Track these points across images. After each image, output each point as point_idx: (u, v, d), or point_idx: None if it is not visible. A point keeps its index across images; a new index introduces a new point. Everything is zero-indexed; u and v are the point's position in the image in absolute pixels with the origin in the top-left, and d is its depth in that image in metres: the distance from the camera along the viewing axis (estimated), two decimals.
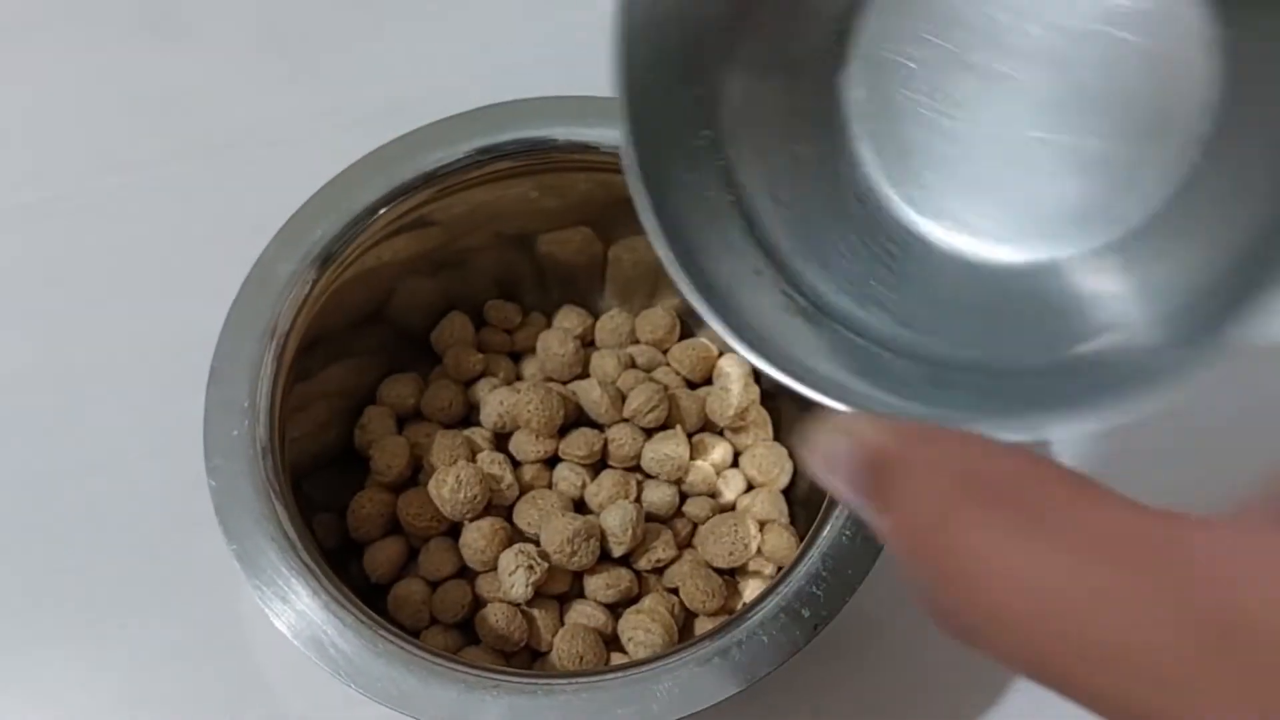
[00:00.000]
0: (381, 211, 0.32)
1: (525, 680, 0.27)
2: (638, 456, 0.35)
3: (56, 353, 0.39)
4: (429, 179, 0.33)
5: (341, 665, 0.27)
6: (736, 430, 0.36)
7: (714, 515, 0.35)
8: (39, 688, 0.35)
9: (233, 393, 0.29)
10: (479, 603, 0.33)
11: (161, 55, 0.46)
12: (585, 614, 0.33)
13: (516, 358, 0.39)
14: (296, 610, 0.27)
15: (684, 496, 0.35)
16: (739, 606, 0.33)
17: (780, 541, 0.34)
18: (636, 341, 0.38)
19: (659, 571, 0.34)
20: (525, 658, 0.33)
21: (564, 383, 0.37)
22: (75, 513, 0.37)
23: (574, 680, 0.27)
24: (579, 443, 0.35)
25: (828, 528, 0.28)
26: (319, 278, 0.31)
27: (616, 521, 0.33)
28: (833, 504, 0.29)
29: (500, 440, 0.36)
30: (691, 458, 0.35)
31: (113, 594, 0.35)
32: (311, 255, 0.31)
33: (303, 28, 0.47)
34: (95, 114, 0.45)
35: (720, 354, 0.38)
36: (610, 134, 0.33)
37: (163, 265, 0.41)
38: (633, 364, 0.38)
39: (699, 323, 0.39)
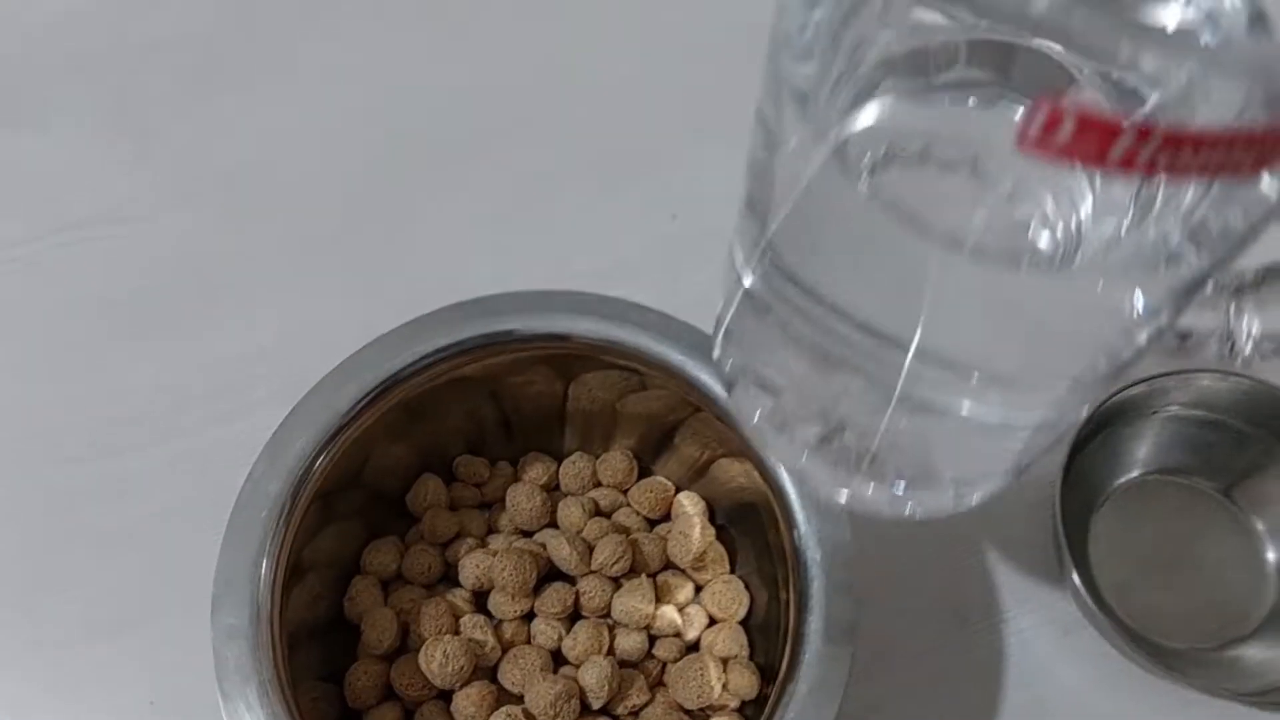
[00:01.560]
0: (361, 417, 0.35)
1: None
2: (608, 606, 0.38)
3: None
4: (395, 381, 0.35)
5: None
6: (696, 568, 0.40)
7: (681, 655, 0.38)
8: None
9: (234, 617, 0.32)
10: None
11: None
12: None
13: (487, 505, 0.42)
14: None
15: (652, 639, 0.39)
16: None
17: (741, 679, 0.37)
18: (599, 484, 0.41)
19: (635, 714, 0.38)
20: None
21: (534, 532, 0.40)
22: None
23: None
24: (553, 599, 0.38)
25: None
26: (305, 493, 0.34)
27: (594, 679, 0.36)
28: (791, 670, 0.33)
29: (479, 597, 0.39)
30: (658, 599, 0.39)
31: None
32: (295, 474, 0.34)
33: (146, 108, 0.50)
34: None
35: (677, 490, 0.41)
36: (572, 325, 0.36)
37: (14, 343, 0.44)
38: (597, 509, 0.41)
39: (654, 460, 0.42)
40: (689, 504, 0.41)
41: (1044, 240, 0.24)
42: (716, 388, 0.36)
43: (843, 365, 0.25)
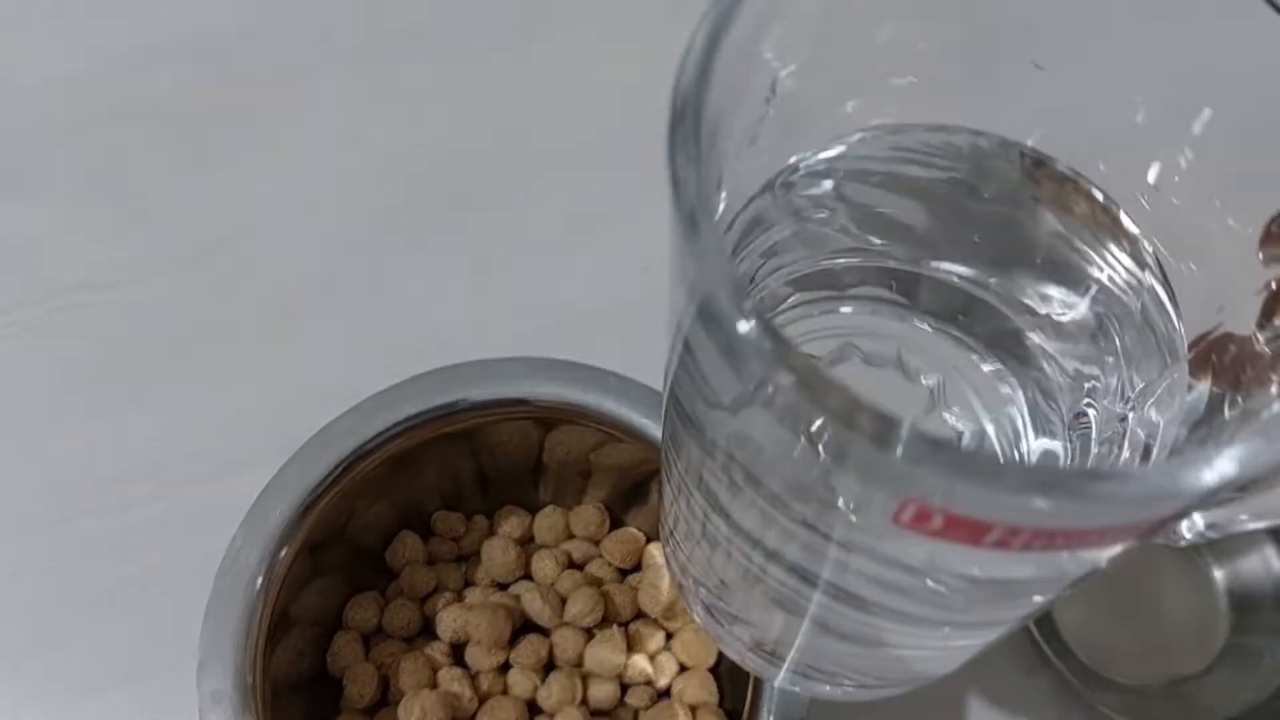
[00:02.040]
0: (340, 482, 0.36)
1: None
2: (581, 656, 0.40)
3: None
4: (371, 448, 0.37)
5: None
6: (667, 618, 0.41)
7: (652, 703, 0.39)
8: None
9: (219, 682, 0.33)
10: None
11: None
12: None
13: (464, 558, 0.43)
14: None
15: (625, 687, 0.40)
16: None
17: None
18: (572, 536, 0.43)
19: None
20: None
21: (509, 584, 0.41)
22: None
23: None
24: (528, 651, 0.39)
25: None
26: (287, 556, 0.35)
27: None
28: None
29: (457, 650, 0.40)
30: (630, 648, 0.40)
31: None
32: (275, 540, 0.35)
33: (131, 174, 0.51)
34: None
35: (648, 540, 0.43)
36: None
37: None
38: (570, 561, 0.42)
39: (626, 511, 0.43)
40: (659, 554, 0.42)
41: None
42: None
43: (752, 578, 0.24)
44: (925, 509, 0.15)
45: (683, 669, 0.41)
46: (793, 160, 0.24)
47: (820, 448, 0.16)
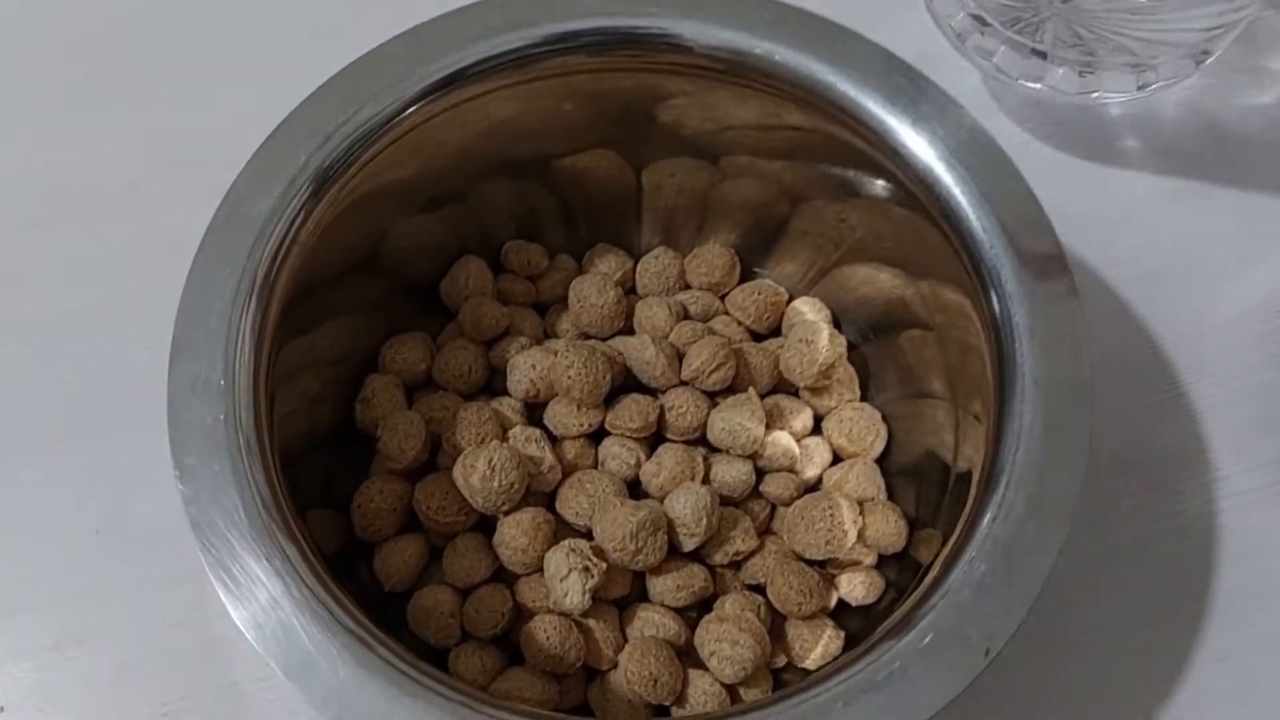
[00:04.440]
0: (387, 126, 0.25)
1: None
2: (702, 427, 0.29)
3: None
4: (448, 82, 0.26)
5: None
6: (817, 391, 0.30)
7: (798, 495, 0.29)
8: None
9: (204, 368, 0.22)
10: (521, 613, 0.27)
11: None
12: (654, 623, 0.27)
13: (542, 310, 0.32)
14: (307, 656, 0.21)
15: (760, 473, 0.29)
16: (834, 604, 0.28)
17: (885, 525, 0.28)
18: (687, 286, 0.32)
19: (736, 565, 0.28)
20: (579, 679, 0.27)
21: (604, 339, 0.31)
22: None
23: None
24: (631, 413, 0.29)
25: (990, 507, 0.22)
26: (306, 215, 0.25)
27: (688, 509, 0.27)
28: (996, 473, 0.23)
29: (532, 412, 0.30)
30: (767, 426, 0.29)
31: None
32: (296, 188, 0.24)
33: None
34: None
35: (791, 298, 0.32)
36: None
37: None
38: (685, 314, 0.31)
39: (763, 261, 0.32)
40: (810, 310, 0.31)
41: None
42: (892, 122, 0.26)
43: None
44: None
45: (836, 460, 0.30)
46: None
47: None
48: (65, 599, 0.29)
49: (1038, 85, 0.35)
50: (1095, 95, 0.35)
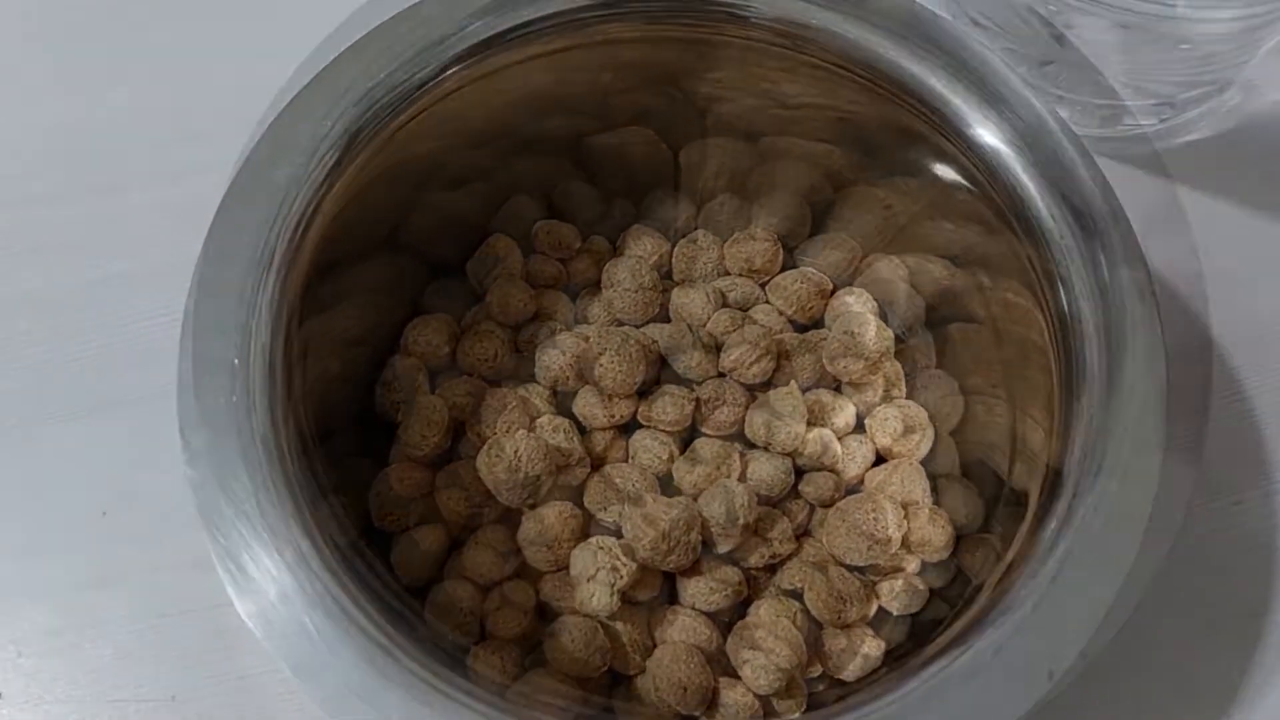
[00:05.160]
0: (421, 90, 0.24)
1: None
2: (740, 422, 0.27)
3: None
4: (486, 45, 0.24)
5: None
6: (860, 387, 0.29)
7: (839, 496, 0.27)
8: None
9: (218, 345, 0.21)
10: (545, 611, 0.26)
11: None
12: (685, 628, 0.25)
13: (574, 294, 0.31)
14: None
15: (799, 472, 0.28)
16: (874, 613, 0.26)
17: (932, 530, 0.26)
18: (727, 273, 0.30)
19: (771, 569, 0.27)
20: (603, 683, 0.26)
21: (639, 326, 0.29)
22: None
23: None
24: (666, 405, 0.27)
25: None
26: (330, 184, 0.23)
27: (723, 509, 0.25)
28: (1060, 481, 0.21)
29: (560, 401, 0.28)
30: (808, 423, 0.28)
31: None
32: (320, 155, 0.23)
33: None
34: None
35: (835, 288, 0.30)
36: None
37: None
38: (724, 302, 0.30)
39: (806, 247, 0.31)
40: (856, 301, 0.30)
41: None
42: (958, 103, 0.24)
43: None
44: None
45: (880, 459, 0.28)
46: None
47: None
48: (69, 583, 0.28)
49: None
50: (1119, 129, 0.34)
